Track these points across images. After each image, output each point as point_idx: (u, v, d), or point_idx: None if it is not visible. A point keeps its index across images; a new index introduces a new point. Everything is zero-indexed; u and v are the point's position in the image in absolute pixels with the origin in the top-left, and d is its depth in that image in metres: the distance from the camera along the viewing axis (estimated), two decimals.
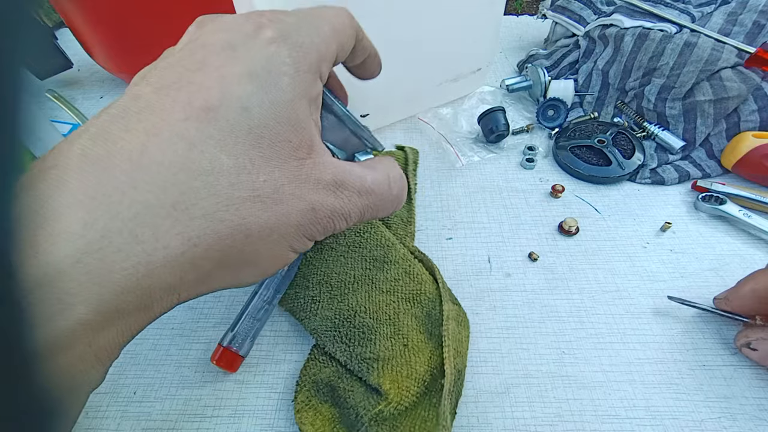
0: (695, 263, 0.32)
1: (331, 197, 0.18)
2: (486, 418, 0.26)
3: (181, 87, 0.15)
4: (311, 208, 0.17)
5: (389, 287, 0.28)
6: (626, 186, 0.38)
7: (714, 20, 0.40)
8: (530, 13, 0.60)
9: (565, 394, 0.26)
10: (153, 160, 0.14)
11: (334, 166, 0.18)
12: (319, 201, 0.17)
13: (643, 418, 0.25)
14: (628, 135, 0.41)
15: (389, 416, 0.23)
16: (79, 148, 0.14)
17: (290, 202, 0.16)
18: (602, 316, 0.30)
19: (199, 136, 0.14)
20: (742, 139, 0.36)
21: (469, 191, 0.38)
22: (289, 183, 0.16)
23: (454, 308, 0.28)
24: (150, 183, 0.14)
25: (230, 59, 0.16)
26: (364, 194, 0.19)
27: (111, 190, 0.13)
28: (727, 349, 0.28)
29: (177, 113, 0.14)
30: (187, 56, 0.16)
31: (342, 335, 0.26)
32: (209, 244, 0.15)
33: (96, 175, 0.13)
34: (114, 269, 0.13)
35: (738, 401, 0.26)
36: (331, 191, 0.17)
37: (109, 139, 0.14)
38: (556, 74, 0.47)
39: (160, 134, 0.14)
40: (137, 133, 0.14)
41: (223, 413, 0.26)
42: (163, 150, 0.14)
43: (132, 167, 0.14)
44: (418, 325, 0.27)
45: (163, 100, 0.15)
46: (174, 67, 0.16)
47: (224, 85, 0.15)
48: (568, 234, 0.34)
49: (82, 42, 0.47)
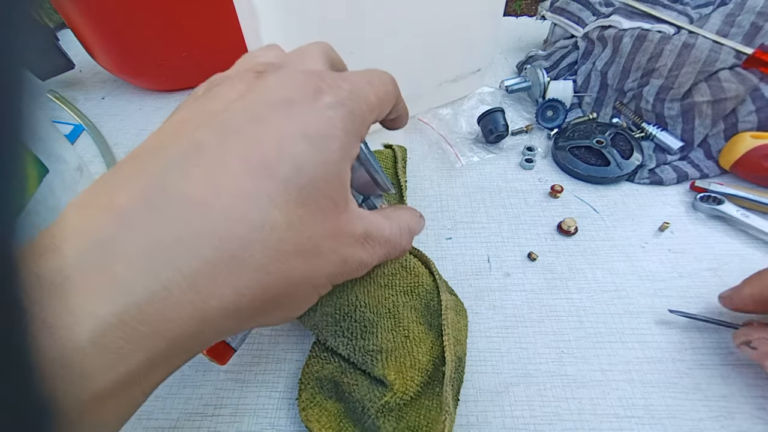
0: (693, 263, 0.33)
1: (360, 249, 0.19)
2: (485, 417, 0.26)
3: (242, 140, 0.15)
4: (343, 260, 0.18)
5: (387, 281, 0.28)
6: (625, 186, 0.38)
7: (712, 21, 0.40)
8: (529, 14, 0.60)
9: (564, 394, 0.26)
10: (214, 212, 0.14)
11: (362, 219, 0.19)
12: (350, 254, 0.19)
13: (642, 417, 0.25)
14: (627, 135, 0.41)
15: (395, 406, 0.24)
16: (139, 192, 0.14)
17: (327, 256, 0.17)
18: (601, 316, 0.30)
19: (256, 191, 0.15)
20: (740, 140, 0.36)
21: (469, 191, 0.39)
22: (327, 238, 0.17)
23: (452, 298, 0.28)
24: (211, 235, 0.14)
25: (289, 118, 0.16)
26: (384, 245, 0.21)
27: (173, 241, 0.13)
28: (725, 349, 0.28)
29: (236, 166, 0.15)
30: (249, 107, 0.16)
31: (343, 330, 0.26)
32: (255, 295, 0.15)
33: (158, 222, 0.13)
34: (171, 318, 0.13)
35: (736, 400, 0.26)
36: (360, 244, 0.19)
37: (169, 185, 0.14)
38: (555, 75, 0.47)
39: (220, 186, 0.14)
40: (198, 182, 0.14)
41: (224, 412, 0.26)
42: (223, 202, 0.14)
43: (194, 217, 0.14)
44: (418, 316, 0.27)
45: (223, 151, 0.15)
46: (236, 118, 0.16)
47: (282, 143, 0.16)
48: (567, 234, 0.35)
49: (83, 43, 0.47)
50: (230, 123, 0.16)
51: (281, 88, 0.17)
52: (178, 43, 0.46)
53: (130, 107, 0.50)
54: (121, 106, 0.50)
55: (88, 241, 0.13)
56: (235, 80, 0.18)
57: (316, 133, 0.16)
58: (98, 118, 0.48)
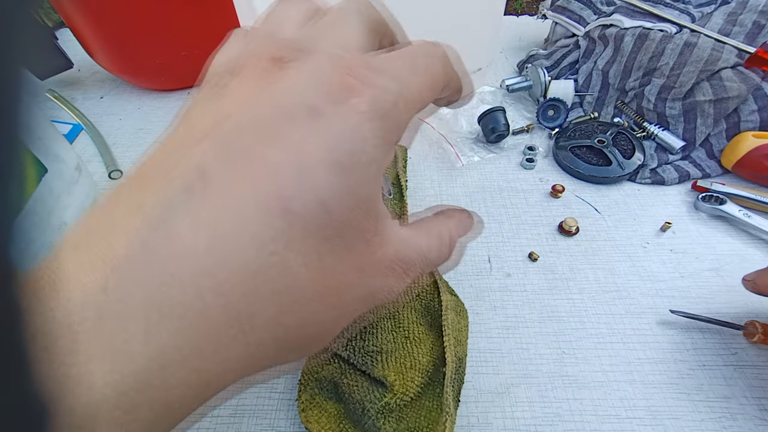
0: (695, 263, 0.32)
1: (390, 277, 0.16)
2: (486, 418, 0.26)
3: (252, 165, 0.13)
4: (371, 293, 0.16)
5: None
6: (626, 186, 0.38)
7: (714, 20, 0.40)
8: (530, 13, 0.60)
9: (566, 394, 0.26)
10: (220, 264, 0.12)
11: (394, 240, 0.16)
12: (379, 285, 0.16)
13: (644, 418, 0.25)
14: (628, 135, 0.41)
15: (395, 407, 0.24)
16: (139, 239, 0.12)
17: (352, 293, 0.15)
18: (602, 316, 0.30)
19: (269, 233, 0.12)
20: (742, 139, 0.36)
21: (470, 191, 0.38)
22: (353, 272, 0.15)
23: (452, 299, 0.28)
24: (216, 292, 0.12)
25: (311, 133, 0.13)
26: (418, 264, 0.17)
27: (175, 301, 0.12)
28: (727, 349, 0.28)
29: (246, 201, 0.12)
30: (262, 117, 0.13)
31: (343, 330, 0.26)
32: (266, 351, 0.14)
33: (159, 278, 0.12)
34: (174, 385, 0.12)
35: (738, 401, 0.26)
36: (390, 270, 0.16)
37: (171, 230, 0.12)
38: (556, 74, 0.47)
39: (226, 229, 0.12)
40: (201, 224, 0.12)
41: (224, 413, 0.26)
42: (230, 251, 0.12)
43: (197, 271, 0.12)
44: (418, 317, 0.27)
45: (230, 180, 0.13)
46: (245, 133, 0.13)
47: (302, 170, 0.13)
48: (568, 234, 0.34)
49: (82, 42, 0.47)
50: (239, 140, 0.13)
51: (303, 91, 0.14)
52: (177, 42, 0.46)
53: (129, 107, 0.50)
54: (119, 106, 0.50)
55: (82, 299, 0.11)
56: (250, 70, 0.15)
57: (345, 154, 0.13)
58: (97, 117, 0.48)
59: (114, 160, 0.43)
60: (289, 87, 0.14)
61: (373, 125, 0.14)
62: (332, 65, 0.14)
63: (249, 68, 0.15)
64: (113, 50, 0.46)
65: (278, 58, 0.15)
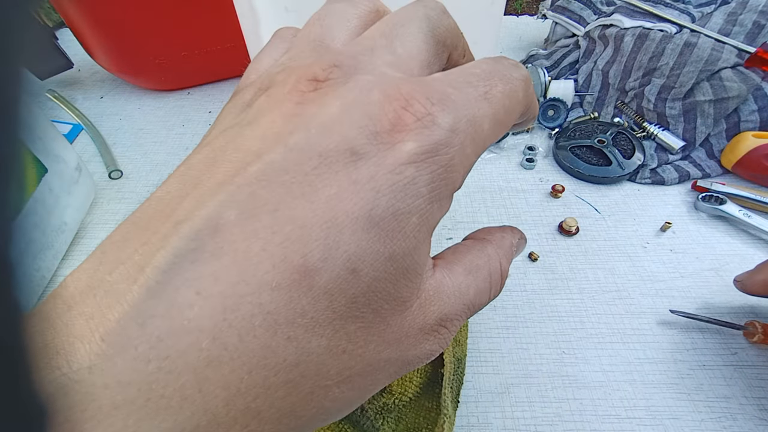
0: (695, 263, 0.32)
1: (431, 341, 0.14)
2: (486, 417, 0.26)
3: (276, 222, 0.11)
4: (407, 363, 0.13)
5: None
6: (626, 186, 0.38)
7: (714, 20, 0.40)
8: (530, 13, 0.60)
9: (565, 394, 0.26)
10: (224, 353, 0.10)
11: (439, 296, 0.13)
12: (416, 354, 0.13)
13: (644, 418, 0.25)
14: (628, 135, 0.41)
15: (394, 407, 0.24)
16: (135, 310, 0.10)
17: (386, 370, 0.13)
18: (602, 316, 0.30)
19: (287, 314, 0.10)
20: (742, 139, 0.36)
21: (470, 191, 0.38)
22: (388, 349, 0.12)
23: None
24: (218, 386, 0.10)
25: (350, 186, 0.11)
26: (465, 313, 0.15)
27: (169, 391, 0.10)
28: (727, 349, 0.28)
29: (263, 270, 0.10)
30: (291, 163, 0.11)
31: None
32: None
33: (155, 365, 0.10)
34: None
35: (738, 401, 0.26)
36: (433, 332, 0.13)
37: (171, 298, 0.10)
38: (556, 74, 0.47)
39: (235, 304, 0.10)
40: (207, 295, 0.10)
41: None
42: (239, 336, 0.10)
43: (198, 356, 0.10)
44: None
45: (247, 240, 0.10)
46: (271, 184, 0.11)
47: (332, 232, 0.11)
48: (568, 234, 0.35)
49: (82, 42, 0.47)
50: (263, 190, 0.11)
51: (342, 128, 0.11)
52: (177, 42, 0.46)
53: (129, 107, 0.50)
54: (119, 106, 0.50)
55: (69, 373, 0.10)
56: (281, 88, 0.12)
57: (388, 213, 0.11)
58: (97, 117, 0.48)
59: (114, 160, 0.43)
60: (327, 123, 0.11)
61: (431, 177, 0.11)
62: (381, 93, 0.11)
63: (280, 86, 0.13)
64: (113, 50, 0.46)
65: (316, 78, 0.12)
